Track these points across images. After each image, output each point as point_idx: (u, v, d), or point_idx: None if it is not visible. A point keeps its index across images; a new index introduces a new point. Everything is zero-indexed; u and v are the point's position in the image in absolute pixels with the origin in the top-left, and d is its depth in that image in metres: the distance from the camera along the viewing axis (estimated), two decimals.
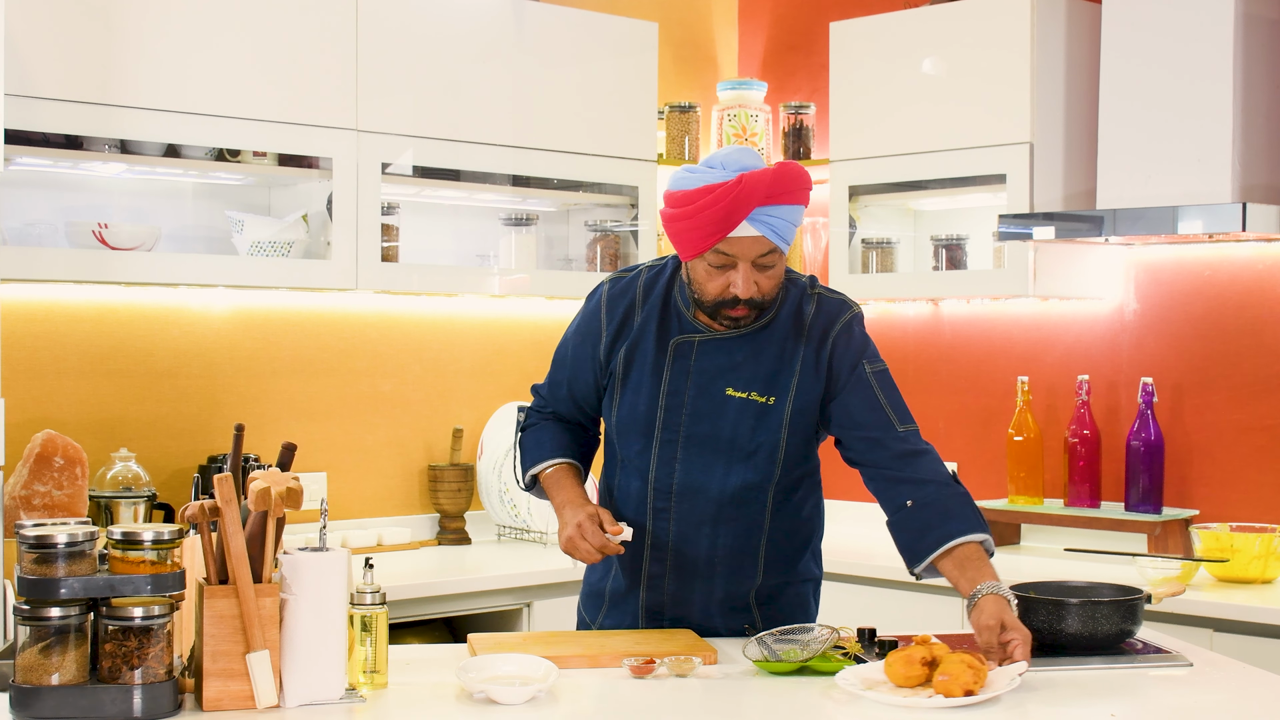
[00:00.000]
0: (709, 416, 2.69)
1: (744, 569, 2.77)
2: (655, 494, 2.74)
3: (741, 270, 2.57)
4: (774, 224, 2.54)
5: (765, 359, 2.69)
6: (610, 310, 2.76)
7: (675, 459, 2.72)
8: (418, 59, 3.99)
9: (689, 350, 2.71)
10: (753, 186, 2.50)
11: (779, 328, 2.70)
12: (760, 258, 2.57)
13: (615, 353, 2.75)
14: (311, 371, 4.15)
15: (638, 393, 2.73)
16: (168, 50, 3.57)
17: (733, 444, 2.70)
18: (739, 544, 2.75)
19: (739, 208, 2.51)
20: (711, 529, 2.74)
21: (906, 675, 2.31)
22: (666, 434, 2.72)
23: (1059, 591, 2.76)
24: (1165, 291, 4.13)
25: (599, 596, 2.87)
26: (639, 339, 2.73)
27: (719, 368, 2.70)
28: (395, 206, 4.10)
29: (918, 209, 4.58)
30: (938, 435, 4.55)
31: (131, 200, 3.82)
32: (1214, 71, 3.68)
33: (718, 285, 2.60)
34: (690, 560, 2.75)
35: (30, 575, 2.13)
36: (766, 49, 5.03)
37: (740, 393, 2.68)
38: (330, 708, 2.24)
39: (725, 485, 2.71)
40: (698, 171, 2.57)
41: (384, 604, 2.40)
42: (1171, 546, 3.89)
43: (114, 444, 3.74)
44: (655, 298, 2.74)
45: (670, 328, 2.72)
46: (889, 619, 3.87)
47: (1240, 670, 2.58)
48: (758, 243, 2.55)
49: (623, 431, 2.76)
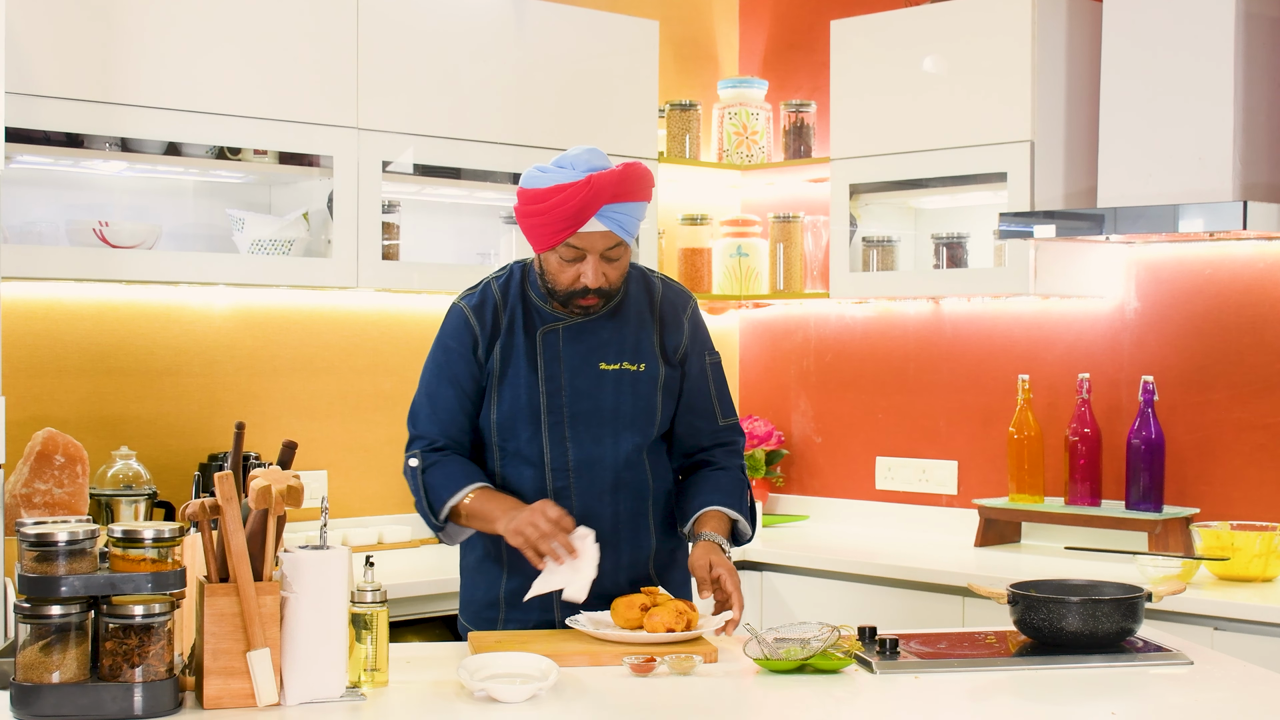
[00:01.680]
0: (588, 393, 2.87)
1: (640, 533, 2.92)
2: (553, 474, 2.87)
3: (590, 262, 2.79)
4: (620, 220, 2.75)
5: (627, 332, 2.92)
6: (478, 318, 2.90)
7: (565, 438, 2.87)
8: (418, 57, 3.99)
9: (555, 338, 2.88)
10: (600, 187, 2.72)
11: (633, 303, 2.94)
12: (608, 250, 2.78)
13: (490, 354, 2.88)
14: (312, 370, 4.15)
15: (517, 385, 2.87)
16: (169, 48, 3.57)
17: (616, 413, 2.88)
18: (634, 507, 2.91)
19: (588, 206, 2.72)
20: (612, 496, 2.89)
21: (627, 618, 2.66)
22: (552, 416, 2.86)
23: (1060, 590, 2.76)
24: (1166, 290, 4.13)
25: (493, 605, 2.92)
26: (510, 336, 2.88)
27: (588, 347, 2.88)
28: (396, 205, 4.10)
29: (918, 207, 4.58)
30: (938, 434, 4.56)
31: (132, 198, 3.82)
32: (1215, 70, 3.68)
33: (569, 276, 2.81)
34: (595, 532, 2.79)
35: (31, 573, 2.13)
36: (767, 47, 5.03)
37: (613, 365, 2.89)
38: (331, 706, 2.24)
39: (618, 452, 2.89)
40: (549, 171, 2.78)
41: (384, 602, 2.40)
42: (1172, 545, 3.90)
43: (115, 442, 3.74)
44: (513, 298, 2.91)
45: (534, 321, 2.89)
46: (889, 617, 3.87)
47: (1241, 669, 2.58)
48: (605, 237, 2.77)
49: (507, 424, 2.88)
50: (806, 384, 4.88)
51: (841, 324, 4.79)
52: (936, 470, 4.56)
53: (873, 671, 2.50)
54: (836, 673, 2.49)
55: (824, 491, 4.84)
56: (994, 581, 3.52)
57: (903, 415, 4.65)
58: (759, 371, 5.01)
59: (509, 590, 2.90)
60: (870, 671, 2.50)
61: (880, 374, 4.70)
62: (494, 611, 2.92)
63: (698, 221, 4.80)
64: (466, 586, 3.00)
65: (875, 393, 4.71)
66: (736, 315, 5.05)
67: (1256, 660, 3.15)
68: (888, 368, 4.68)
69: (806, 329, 4.88)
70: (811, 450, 4.87)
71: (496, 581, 2.91)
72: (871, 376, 4.72)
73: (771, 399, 4.97)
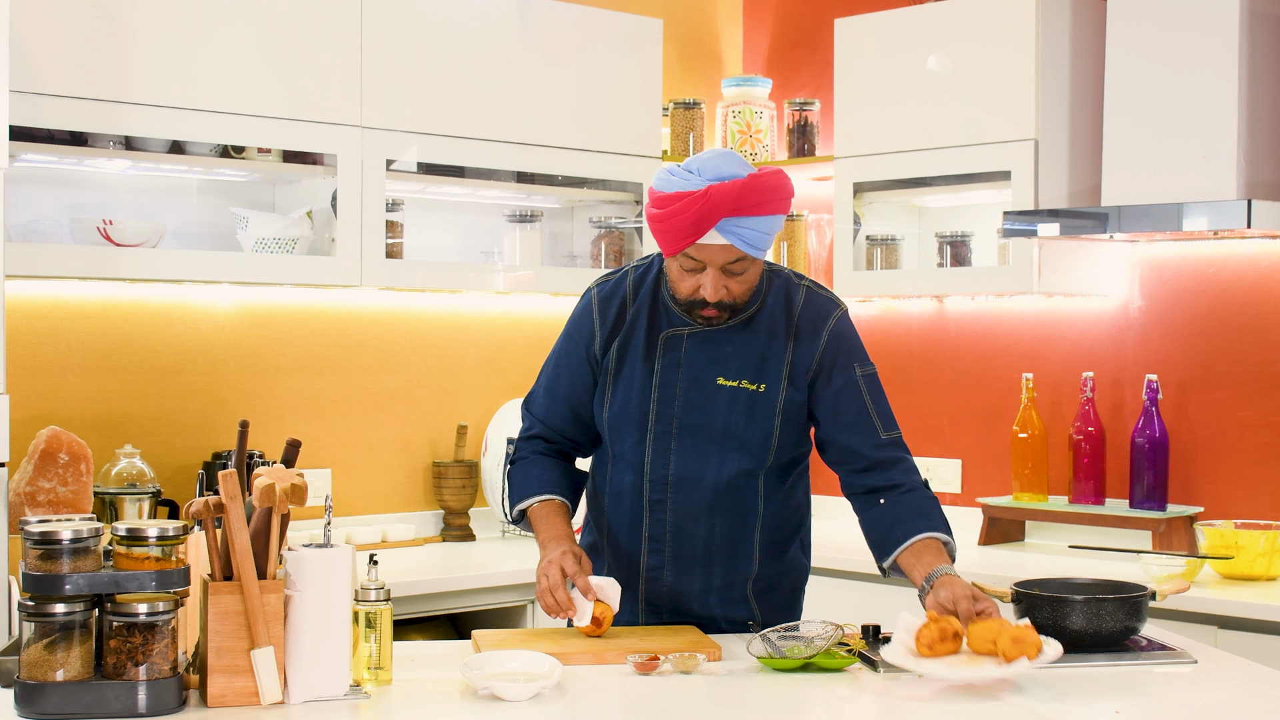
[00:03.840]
0: (701, 406, 2.74)
1: (740, 556, 2.80)
2: (651, 485, 2.77)
3: (710, 274, 2.64)
4: (743, 234, 2.59)
5: (754, 348, 2.75)
6: (603, 310, 2.80)
7: (670, 450, 2.75)
8: (422, 55, 3.99)
9: (679, 343, 2.76)
10: (719, 199, 2.56)
11: (766, 317, 2.76)
12: (729, 264, 2.63)
13: (609, 349, 2.79)
14: (316, 368, 4.15)
15: (630, 387, 2.77)
16: (173, 47, 3.57)
17: (726, 432, 2.74)
18: (735, 531, 2.78)
19: (706, 219, 2.57)
20: (708, 517, 2.77)
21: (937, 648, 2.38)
22: (660, 425, 2.75)
23: (1064, 589, 2.76)
24: (1170, 288, 4.13)
25: None
26: (630, 334, 2.78)
27: (709, 358, 2.75)
28: (400, 203, 4.11)
29: (922, 206, 4.58)
30: (942, 432, 4.55)
31: (136, 197, 3.82)
32: (1219, 68, 3.67)
33: (689, 286, 2.68)
34: (688, 550, 2.77)
35: (35, 571, 2.13)
36: (771, 45, 5.03)
37: (731, 381, 2.74)
38: (335, 704, 2.24)
39: (721, 473, 2.75)
40: (676, 175, 2.62)
41: (388, 600, 2.41)
42: (1176, 544, 3.89)
43: (119, 440, 3.74)
44: (644, 294, 2.79)
45: (660, 322, 2.77)
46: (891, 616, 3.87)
47: (1244, 667, 2.58)
48: (726, 250, 2.62)
49: (616, 426, 2.79)
50: None
51: None
52: (940, 469, 4.55)
53: (876, 670, 2.50)
54: (840, 671, 2.49)
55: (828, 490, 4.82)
56: (998, 580, 3.52)
57: (906, 413, 4.64)
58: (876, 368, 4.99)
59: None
60: (874, 670, 2.50)
61: (884, 372, 4.65)
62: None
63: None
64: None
65: None
66: None
67: (1261, 659, 3.14)
68: (892, 366, 4.68)
69: None
70: None
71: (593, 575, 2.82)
72: None
73: None
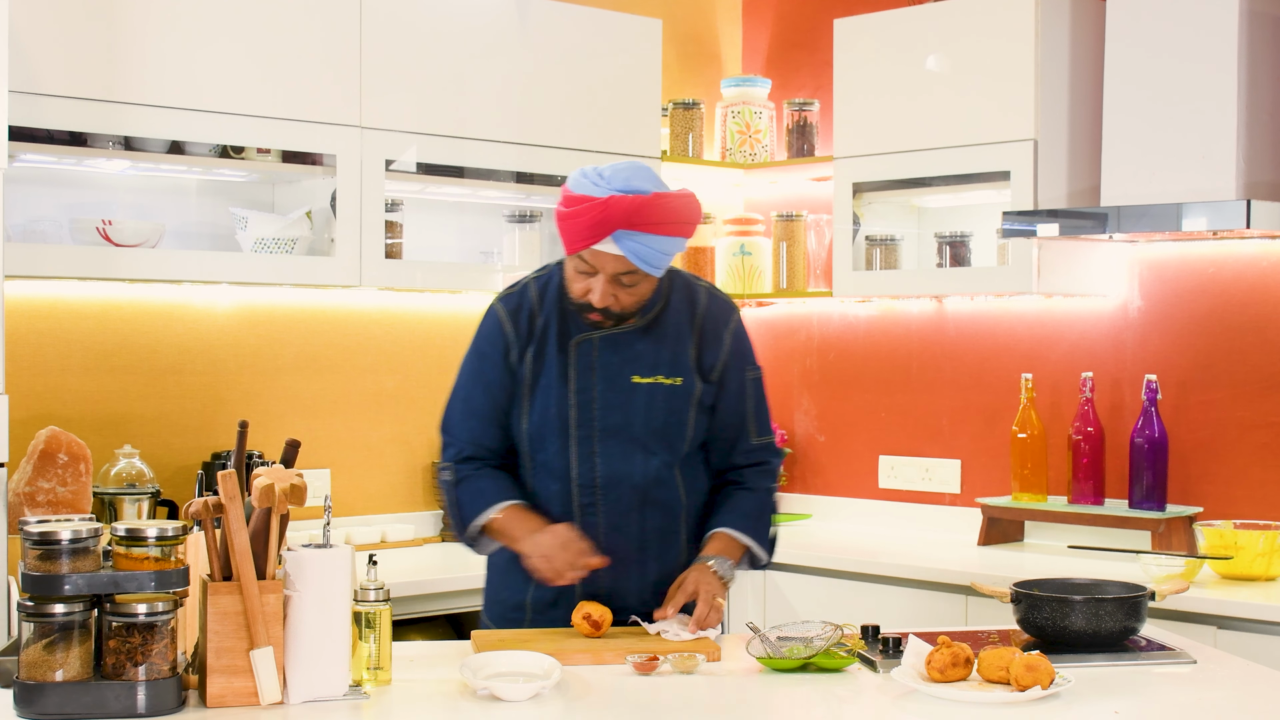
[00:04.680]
0: (620, 406, 2.80)
1: (671, 548, 2.86)
2: (580, 490, 2.81)
3: (600, 280, 2.71)
4: (638, 249, 2.66)
5: (665, 344, 2.83)
6: (514, 322, 2.84)
7: (594, 453, 2.81)
8: (421, 56, 3.99)
9: (590, 348, 2.81)
10: (615, 210, 2.63)
11: (673, 315, 2.85)
12: (620, 274, 2.70)
13: (524, 360, 2.82)
14: (315, 368, 4.15)
15: (548, 395, 2.81)
16: (172, 47, 3.57)
17: (647, 429, 2.81)
18: (665, 524, 2.85)
19: (601, 226, 2.64)
20: (639, 514, 2.83)
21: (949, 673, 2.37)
22: (582, 430, 2.80)
23: (1063, 589, 2.76)
24: (1169, 288, 4.13)
25: (519, 609, 2.89)
26: (543, 343, 2.82)
27: (622, 359, 2.81)
28: (399, 203, 4.10)
29: (921, 206, 4.58)
30: (941, 432, 4.55)
31: (136, 197, 3.82)
32: (1219, 68, 3.67)
33: (580, 287, 2.75)
34: (622, 549, 2.81)
35: (34, 572, 2.13)
36: (770, 46, 5.03)
37: (647, 378, 2.81)
38: (334, 704, 2.24)
39: (647, 470, 2.82)
40: (588, 177, 2.70)
41: (387, 601, 2.41)
42: (1175, 544, 3.89)
43: (118, 440, 3.74)
44: (550, 303, 2.84)
45: (569, 329, 2.82)
46: (893, 616, 3.87)
47: (1243, 667, 2.58)
48: (618, 261, 2.68)
49: (537, 435, 2.83)
50: (809, 383, 4.88)
51: (844, 323, 4.79)
52: (940, 469, 4.55)
53: (876, 670, 2.50)
54: (839, 671, 2.49)
55: (827, 490, 4.84)
56: (997, 580, 3.52)
57: (906, 414, 4.65)
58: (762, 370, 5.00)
59: (535, 598, 2.87)
60: (873, 670, 2.50)
61: (883, 373, 4.70)
62: (520, 614, 2.89)
63: (701, 220, 4.79)
64: (494, 585, 2.96)
65: (878, 391, 4.71)
66: None
67: (1260, 659, 3.15)
68: (891, 366, 4.68)
69: (809, 328, 4.88)
70: (815, 449, 4.86)
71: (525, 586, 2.87)
72: (874, 375, 4.72)
73: (775, 398, 4.97)
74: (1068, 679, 2.36)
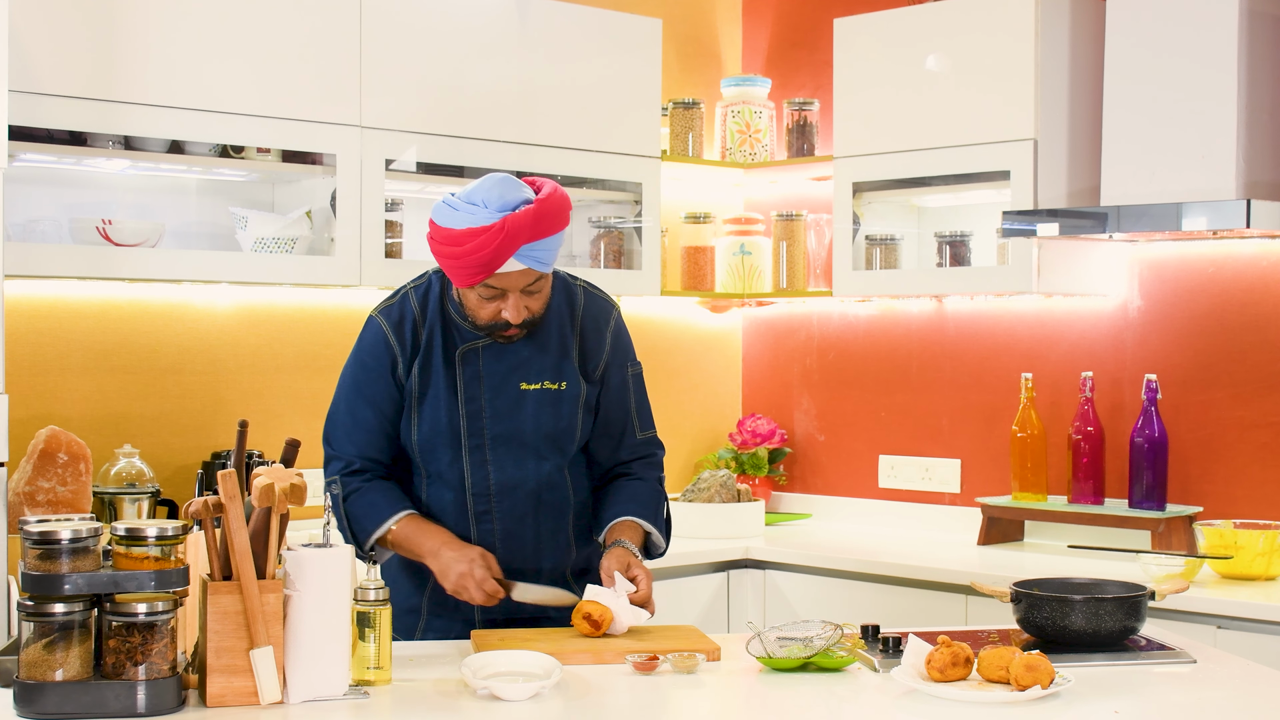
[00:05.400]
0: (509, 414, 2.81)
1: (560, 547, 2.89)
2: (474, 499, 2.82)
3: (511, 299, 2.71)
4: (539, 255, 2.66)
5: (549, 348, 2.84)
6: (398, 335, 2.81)
7: (487, 461, 2.81)
8: (421, 55, 3.99)
9: (475, 357, 2.81)
10: (515, 229, 2.61)
11: (554, 317, 2.86)
12: (528, 285, 2.71)
13: (410, 372, 2.81)
14: (315, 368, 4.15)
15: (436, 407, 2.80)
16: (172, 47, 3.57)
17: (538, 434, 2.82)
18: (555, 525, 2.87)
19: (504, 250, 2.62)
20: (534, 518, 2.84)
21: (949, 673, 2.37)
22: (473, 440, 2.80)
23: (1063, 588, 2.76)
24: (1169, 288, 4.13)
25: (413, 613, 2.89)
26: (429, 355, 2.80)
27: (508, 366, 2.81)
28: (399, 203, 4.10)
29: (921, 205, 4.58)
30: (941, 432, 4.55)
31: (135, 196, 3.82)
32: (1218, 68, 3.67)
33: (489, 311, 2.73)
34: (518, 552, 2.82)
35: (34, 571, 2.13)
36: (770, 45, 5.03)
37: (534, 384, 2.82)
38: (334, 704, 2.24)
39: (540, 474, 2.83)
40: (461, 209, 2.64)
41: (387, 600, 2.41)
42: (1175, 543, 3.89)
43: (118, 440, 3.74)
44: (433, 314, 2.82)
45: (454, 339, 2.81)
46: (892, 616, 3.87)
47: (1243, 667, 2.58)
48: (525, 274, 2.68)
49: (428, 447, 2.82)
50: (809, 382, 4.88)
51: (844, 322, 4.79)
52: (939, 469, 4.55)
53: (876, 670, 2.50)
54: (839, 671, 2.49)
55: (827, 490, 4.84)
56: (997, 580, 3.52)
57: (906, 413, 4.65)
58: (762, 370, 5.01)
59: (433, 601, 2.87)
60: (873, 670, 2.50)
61: (883, 372, 4.70)
62: (415, 618, 2.89)
63: (700, 220, 4.80)
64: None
65: (878, 391, 4.71)
66: (739, 314, 5.05)
67: (1259, 659, 3.15)
68: (891, 366, 4.68)
69: (809, 327, 4.88)
70: (814, 448, 4.86)
71: (419, 589, 2.88)
72: (874, 375, 4.72)
73: (774, 397, 4.97)
74: (1067, 678, 2.36)
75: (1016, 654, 2.36)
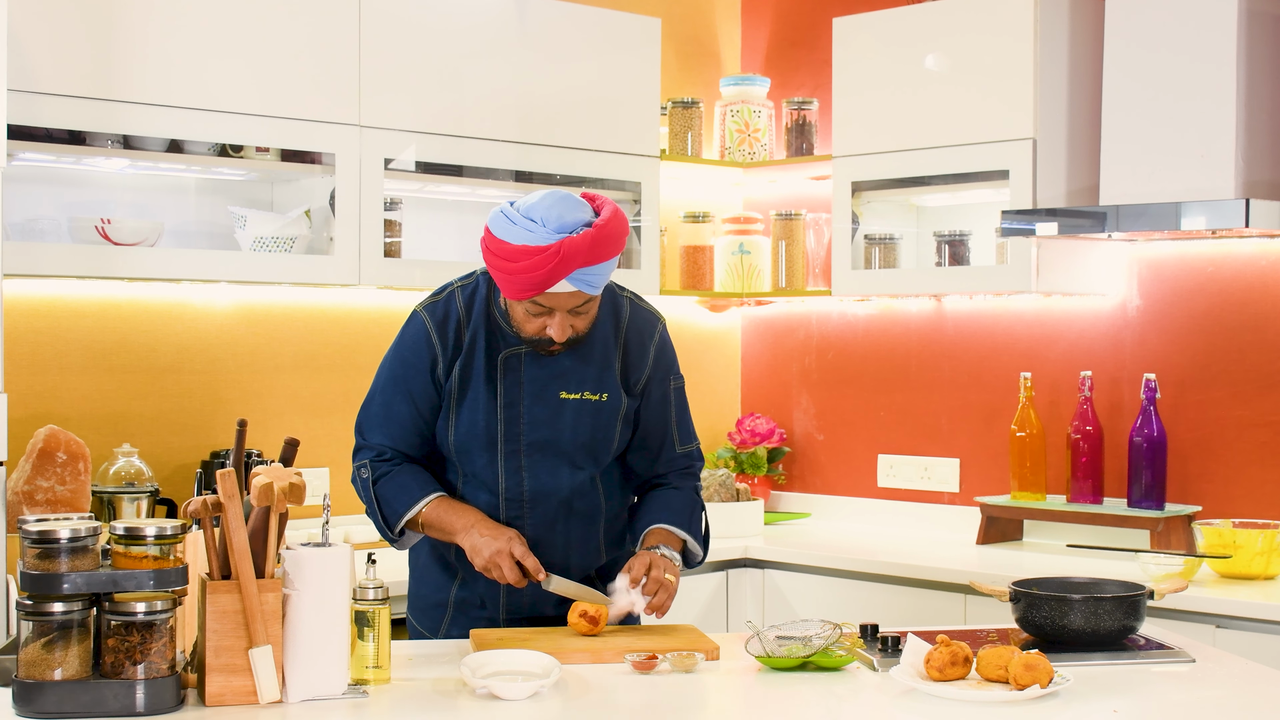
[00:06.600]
0: (547, 422, 2.79)
1: (590, 552, 2.88)
2: (507, 504, 2.81)
3: (558, 317, 2.69)
4: (591, 279, 2.64)
5: (592, 360, 2.82)
6: (440, 334, 2.80)
7: (522, 468, 2.80)
8: (420, 54, 3.98)
9: (518, 363, 2.79)
10: (571, 254, 2.58)
11: (599, 329, 2.83)
12: (576, 306, 2.69)
13: (450, 372, 2.79)
14: (314, 367, 4.15)
15: (475, 409, 2.79)
16: (171, 46, 3.57)
17: (574, 443, 2.81)
18: (586, 532, 2.86)
19: (557, 273, 2.59)
20: (564, 525, 2.84)
21: (948, 672, 2.37)
22: (509, 445, 2.80)
23: (1062, 588, 2.76)
24: (1168, 287, 4.13)
25: (440, 607, 2.90)
26: (470, 357, 2.79)
27: (549, 374, 2.79)
28: (398, 202, 4.10)
29: (920, 205, 4.58)
30: (940, 431, 4.55)
31: (134, 196, 3.82)
32: (1217, 68, 3.67)
33: (534, 326, 2.71)
34: (546, 558, 2.81)
35: (33, 570, 2.13)
36: (769, 44, 5.03)
37: (574, 394, 2.80)
38: (333, 703, 2.24)
39: (573, 483, 2.82)
40: (519, 224, 2.60)
41: (386, 599, 2.41)
42: (1174, 543, 3.89)
43: (117, 439, 3.74)
44: (477, 316, 2.80)
45: (497, 342, 2.80)
46: (891, 615, 3.87)
47: (1242, 666, 2.58)
48: (574, 296, 2.66)
49: (464, 448, 2.81)
50: (808, 381, 4.88)
51: (843, 321, 4.79)
52: (938, 468, 4.56)
53: (874, 669, 2.50)
54: (838, 670, 2.49)
55: (826, 489, 4.84)
56: (996, 579, 3.52)
57: (905, 413, 4.65)
58: (761, 369, 5.01)
59: (459, 597, 2.88)
60: (872, 669, 2.50)
61: (882, 371, 4.70)
62: (441, 612, 2.91)
63: (700, 219, 4.80)
64: (416, 582, 2.97)
65: (877, 390, 4.71)
66: (738, 313, 5.05)
67: (1258, 658, 3.15)
68: (890, 365, 4.68)
69: (808, 326, 4.88)
70: (813, 448, 4.87)
71: (447, 585, 2.89)
72: (873, 374, 4.72)
73: (773, 396, 4.97)
74: (1066, 678, 2.36)
75: (1015, 653, 2.36)
